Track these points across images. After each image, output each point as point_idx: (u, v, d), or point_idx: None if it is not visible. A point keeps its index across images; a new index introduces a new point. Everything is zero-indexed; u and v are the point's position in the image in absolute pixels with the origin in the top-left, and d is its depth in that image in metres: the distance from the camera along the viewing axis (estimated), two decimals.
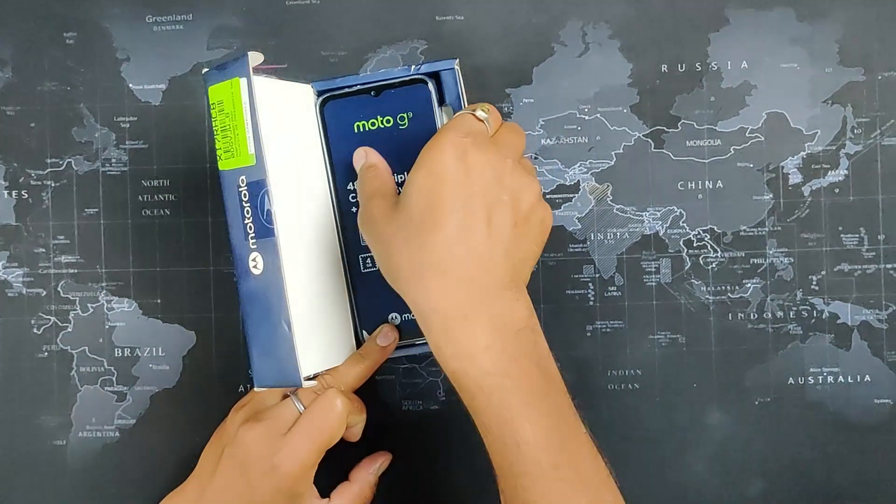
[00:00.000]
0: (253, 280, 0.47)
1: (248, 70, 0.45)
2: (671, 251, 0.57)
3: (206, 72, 0.47)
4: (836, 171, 0.57)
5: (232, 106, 0.46)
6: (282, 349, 0.46)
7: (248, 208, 0.46)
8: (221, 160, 0.47)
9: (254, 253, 0.46)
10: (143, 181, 0.58)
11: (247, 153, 0.46)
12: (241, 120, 0.46)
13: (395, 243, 0.45)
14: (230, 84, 0.46)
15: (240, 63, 0.46)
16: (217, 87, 0.46)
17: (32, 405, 0.58)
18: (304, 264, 0.49)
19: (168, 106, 0.58)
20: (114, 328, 0.58)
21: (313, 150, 0.52)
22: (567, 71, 0.57)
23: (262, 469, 0.48)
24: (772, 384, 0.57)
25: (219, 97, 0.46)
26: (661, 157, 0.57)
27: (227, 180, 0.47)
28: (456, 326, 0.43)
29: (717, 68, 0.57)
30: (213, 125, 0.47)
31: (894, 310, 0.57)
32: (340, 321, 0.52)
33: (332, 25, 0.58)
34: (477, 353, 0.43)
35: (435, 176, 0.44)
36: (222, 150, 0.47)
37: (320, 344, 0.50)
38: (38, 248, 0.59)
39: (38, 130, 0.59)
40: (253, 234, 0.46)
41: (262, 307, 0.46)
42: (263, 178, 0.46)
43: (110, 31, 0.58)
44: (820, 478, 0.57)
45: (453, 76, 0.51)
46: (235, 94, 0.46)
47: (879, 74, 0.57)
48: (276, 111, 0.48)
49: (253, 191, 0.46)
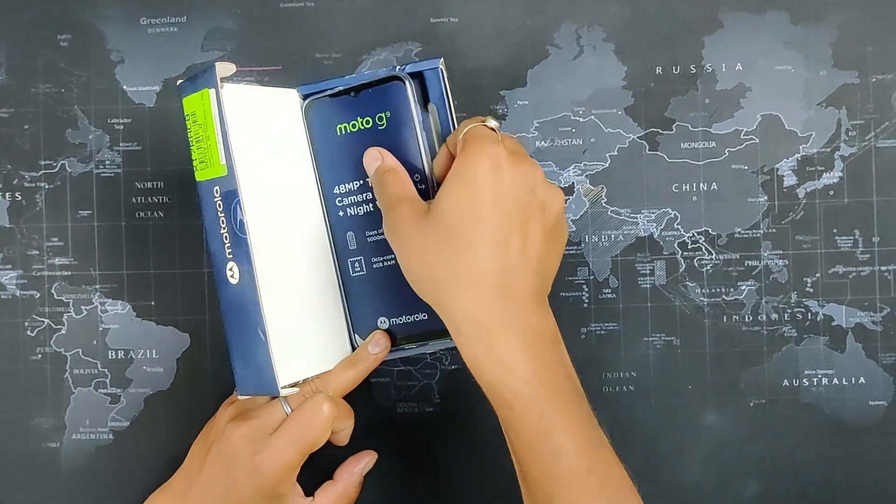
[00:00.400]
0: (231, 289, 0.47)
1: (215, 81, 0.45)
2: (666, 253, 0.57)
3: (179, 83, 0.47)
4: (831, 173, 0.57)
5: (203, 117, 0.46)
6: (259, 357, 0.46)
7: (223, 218, 0.46)
8: (197, 170, 0.47)
9: (230, 262, 0.46)
10: (137, 183, 0.58)
11: (219, 164, 0.46)
12: (211, 131, 0.46)
13: (428, 252, 0.45)
14: (201, 95, 0.46)
15: (208, 74, 0.46)
16: (190, 99, 0.47)
17: (26, 407, 0.58)
18: (285, 271, 0.49)
19: (162, 108, 0.58)
20: (107, 330, 0.58)
21: (300, 156, 0.51)
22: (561, 73, 0.57)
23: (245, 468, 0.49)
24: (766, 386, 0.57)
25: (192, 108, 0.47)
26: (655, 159, 0.57)
27: (203, 190, 0.47)
28: (494, 337, 0.43)
29: (711, 70, 0.57)
30: (189, 136, 0.47)
31: (889, 312, 0.57)
32: (333, 326, 0.52)
33: (327, 27, 0.58)
34: (515, 363, 0.43)
35: (472, 187, 0.44)
36: (197, 160, 0.47)
37: (307, 350, 0.50)
38: (32, 250, 0.58)
39: (31, 132, 0.58)
40: (228, 244, 0.46)
41: (240, 316, 0.47)
42: (235, 189, 0.46)
43: (104, 32, 0.58)
44: (815, 479, 0.57)
45: (437, 75, 0.50)
46: (206, 105, 0.46)
47: (873, 77, 0.57)
48: (253, 119, 0.48)
49: (227, 200, 0.46)
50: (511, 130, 0.57)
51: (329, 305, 0.52)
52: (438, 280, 0.44)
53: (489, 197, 0.44)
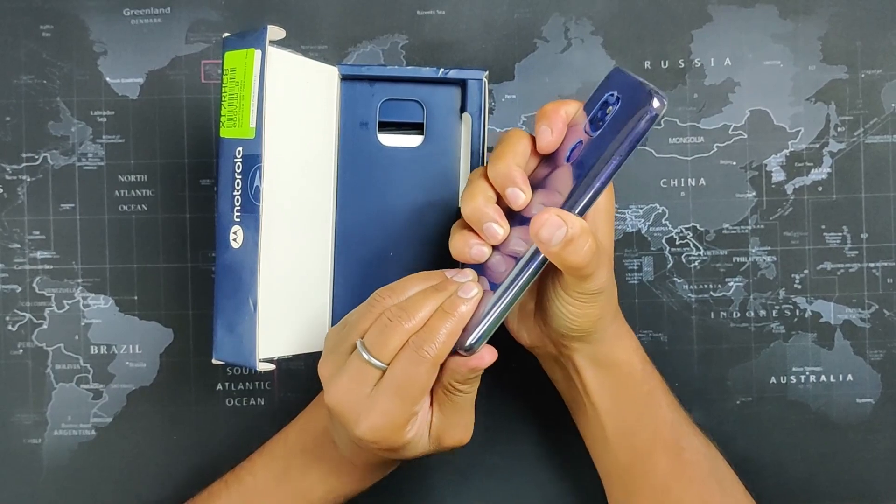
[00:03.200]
0: (230, 253, 0.46)
1: (265, 44, 0.45)
2: (653, 249, 0.57)
3: (226, 37, 0.47)
4: (820, 169, 0.56)
5: (243, 76, 0.46)
6: (243, 326, 0.46)
7: (240, 180, 0.46)
8: (223, 127, 0.47)
9: (235, 226, 0.46)
10: (121, 176, 0.58)
11: (248, 126, 0.46)
12: (248, 91, 0.45)
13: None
14: (245, 54, 0.45)
15: (258, 35, 0.45)
16: (233, 54, 0.46)
17: (7, 403, 0.58)
18: (286, 247, 0.49)
19: (146, 100, 0.57)
20: (90, 325, 0.58)
21: (326, 135, 0.51)
22: (549, 66, 0.57)
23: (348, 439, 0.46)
24: (754, 383, 0.57)
25: (232, 64, 0.46)
26: (643, 154, 0.57)
27: (224, 148, 0.46)
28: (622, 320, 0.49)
29: (700, 65, 0.57)
30: (222, 91, 0.46)
31: (877, 309, 0.56)
32: (316, 312, 0.52)
33: (312, 19, 0.57)
34: (636, 344, 0.50)
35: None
36: (226, 117, 0.46)
37: (289, 330, 0.49)
38: (13, 244, 0.58)
39: (13, 124, 0.58)
40: (238, 207, 0.46)
41: (234, 281, 0.46)
42: (259, 154, 0.45)
43: (87, 23, 0.58)
44: (801, 477, 0.56)
45: (479, 86, 0.50)
46: (249, 64, 0.45)
47: (862, 72, 0.56)
48: (290, 88, 0.47)
49: (247, 164, 0.46)
50: (499, 124, 0.57)
51: (318, 290, 0.52)
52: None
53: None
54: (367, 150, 0.51)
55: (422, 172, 0.51)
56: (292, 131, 0.48)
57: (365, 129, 0.51)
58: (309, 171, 0.50)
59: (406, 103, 0.51)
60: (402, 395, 0.42)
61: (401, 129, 0.51)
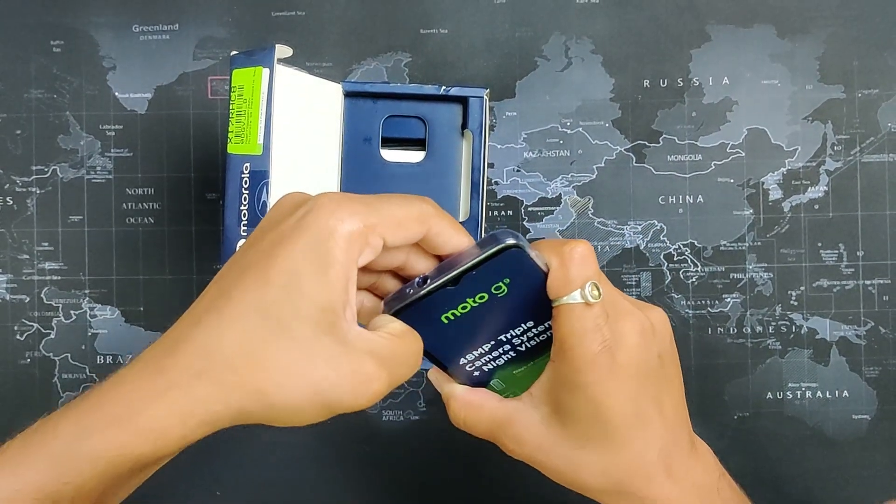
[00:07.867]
0: None
1: (273, 62, 0.46)
2: (651, 265, 0.57)
3: (234, 54, 0.48)
4: (816, 187, 0.57)
5: (251, 93, 0.47)
6: None
7: (247, 195, 0.47)
8: (231, 143, 0.48)
9: (242, 240, 0.47)
10: (128, 189, 0.59)
11: (256, 142, 0.47)
12: (256, 108, 0.47)
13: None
14: (253, 71, 0.47)
15: (266, 53, 0.47)
16: (241, 72, 0.47)
17: (14, 412, 0.59)
18: None
19: (154, 115, 0.58)
20: (96, 335, 0.59)
21: (330, 150, 0.52)
22: (549, 85, 0.58)
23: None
24: (751, 398, 0.57)
25: (240, 82, 0.47)
26: (642, 171, 0.57)
27: (232, 164, 0.48)
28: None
29: (698, 84, 0.57)
30: (230, 107, 0.48)
31: (872, 326, 0.57)
32: None
33: (318, 37, 0.58)
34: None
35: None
36: (233, 133, 0.48)
37: None
38: (22, 255, 0.59)
39: (23, 137, 0.59)
40: (245, 221, 0.47)
41: None
42: (266, 170, 0.46)
43: (97, 39, 0.59)
44: (797, 492, 0.57)
45: (481, 104, 0.51)
46: (257, 82, 0.47)
47: (859, 92, 0.57)
48: (296, 105, 0.49)
49: (255, 180, 0.47)
50: (500, 141, 0.58)
51: None
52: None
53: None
54: (371, 165, 0.52)
55: (423, 187, 0.52)
56: (298, 147, 0.49)
57: (368, 145, 0.52)
58: (313, 186, 0.51)
59: (408, 120, 0.52)
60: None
61: (403, 145, 0.52)
